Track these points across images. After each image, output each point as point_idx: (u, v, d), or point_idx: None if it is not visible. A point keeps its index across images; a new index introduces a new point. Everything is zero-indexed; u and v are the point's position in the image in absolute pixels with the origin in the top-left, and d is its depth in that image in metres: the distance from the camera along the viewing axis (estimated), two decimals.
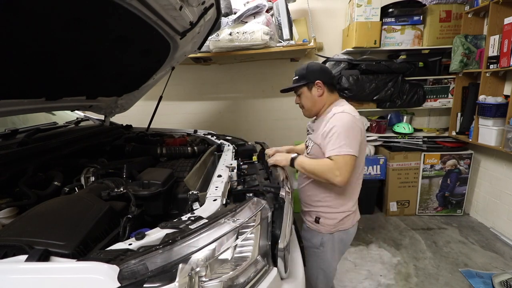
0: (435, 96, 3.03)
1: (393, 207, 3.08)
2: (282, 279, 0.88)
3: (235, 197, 1.17)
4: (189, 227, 0.74)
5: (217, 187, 1.05)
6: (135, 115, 2.58)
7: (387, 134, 3.07)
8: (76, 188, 1.14)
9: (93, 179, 1.20)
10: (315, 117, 1.43)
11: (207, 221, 0.77)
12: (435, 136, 3.04)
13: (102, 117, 2.19)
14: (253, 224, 0.82)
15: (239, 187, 1.25)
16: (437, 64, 2.96)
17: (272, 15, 2.62)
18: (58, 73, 1.24)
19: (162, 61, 1.73)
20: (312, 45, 2.57)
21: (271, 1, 2.62)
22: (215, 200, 0.96)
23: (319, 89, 1.33)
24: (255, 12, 2.48)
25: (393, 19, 2.82)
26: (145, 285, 0.60)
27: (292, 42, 2.57)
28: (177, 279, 0.62)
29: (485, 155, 2.84)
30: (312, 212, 1.38)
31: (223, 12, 2.27)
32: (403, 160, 2.96)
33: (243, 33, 2.42)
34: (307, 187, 1.39)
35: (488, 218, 2.82)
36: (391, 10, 2.80)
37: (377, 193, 3.11)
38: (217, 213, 0.86)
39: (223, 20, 2.48)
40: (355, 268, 2.26)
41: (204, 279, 0.68)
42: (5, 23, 0.80)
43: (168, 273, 0.63)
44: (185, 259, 0.66)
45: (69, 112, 2.12)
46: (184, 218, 0.82)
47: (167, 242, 0.68)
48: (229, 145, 1.76)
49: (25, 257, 0.63)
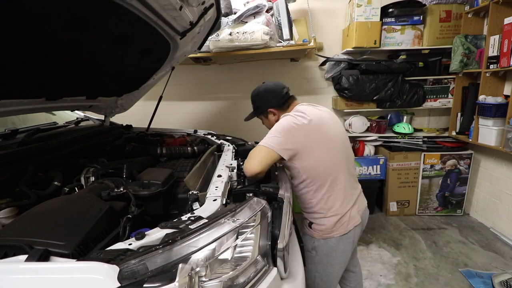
0: (435, 96, 3.03)
1: (393, 207, 3.08)
2: (282, 279, 0.88)
3: (235, 197, 1.16)
4: (189, 227, 0.74)
5: (217, 187, 1.05)
6: (135, 115, 2.58)
7: (387, 134, 3.07)
8: (76, 188, 1.14)
9: (93, 179, 1.19)
10: None
11: (207, 221, 0.77)
12: (435, 136, 3.04)
13: (102, 117, 2.19)
14: (253, 224, 0.82)
15: (239, 187, 1.25)
16: (437, 64, 2.96)
17: (272, 15, 2.62)
18: (58, 73, 1.23)
19: (162, 61, 1.73)
20: (312, 45, 2.57)
21: (271, 1, 2.62)
22: (215, 200, 0.95)
23: (274, 115, 1.46)
24: (255, 12, 2.48)
25: (393, 19, 2.82)
26: (145, 285, 0.60)
27: (292, 42, 2.57)
28: (177, 279, 0.62)
29: (485, 155, 2.84)
30: (305, 217, 1.41)
31: (223, 12, 2.27)
32: (403, 160, 2.96)
33: (243, 33, 2.42)
34: (298, 194, 1.40)
35: (488, 218, 2.82)
36: (391, 10, 2.80)
37: (377, 193, 3.11)
38: (217, 213, 0.86)
39: (223, 20, 2.48)
40: None
41: (204, 279, 0.68)
42: (5, 23, 0.80)
43: (168, 273, 0.63)
44: (185, 259, 0.66)
45: (69, 112, 2.12)
46: (184, 218, 0.82)
47: (167, 242, 0.67)
48: (229, 145, 1.75)
49: (25, 257, 0.63)
